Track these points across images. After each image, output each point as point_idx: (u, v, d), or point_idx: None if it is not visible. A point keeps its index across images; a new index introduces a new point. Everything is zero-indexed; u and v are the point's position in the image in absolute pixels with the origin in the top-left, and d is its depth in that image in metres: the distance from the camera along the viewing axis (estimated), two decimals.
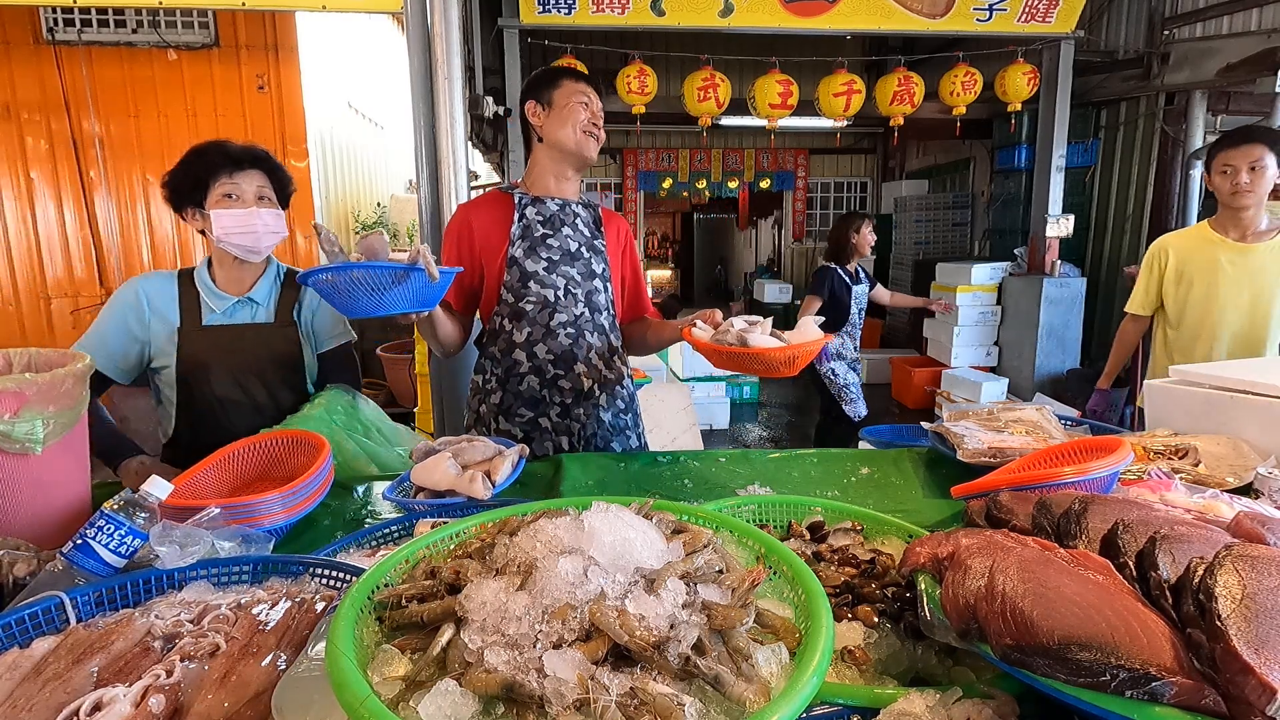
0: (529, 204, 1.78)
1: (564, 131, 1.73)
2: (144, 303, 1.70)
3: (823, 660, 0.62)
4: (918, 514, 1.28)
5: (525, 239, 1.75)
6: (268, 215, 1.69)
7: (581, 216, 1.85)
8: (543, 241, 1.76)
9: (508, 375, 1.79)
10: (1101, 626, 0.62)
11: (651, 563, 0.74)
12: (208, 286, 1.74)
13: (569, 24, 4.95)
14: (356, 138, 6.34)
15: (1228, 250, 2.41)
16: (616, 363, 1.87)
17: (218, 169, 1.66)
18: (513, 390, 1.79)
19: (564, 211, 1.81)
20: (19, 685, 0.70)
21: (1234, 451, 1.37)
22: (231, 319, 1.73)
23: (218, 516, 1.05)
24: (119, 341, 1.67)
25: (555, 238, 1.78)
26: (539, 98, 1.76)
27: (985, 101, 5.84)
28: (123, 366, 1.68)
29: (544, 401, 1.79)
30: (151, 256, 5.08)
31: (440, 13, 3.00)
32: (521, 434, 1.80)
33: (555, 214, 1.80)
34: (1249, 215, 2.36)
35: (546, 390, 1.78)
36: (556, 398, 1.79)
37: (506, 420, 1.81)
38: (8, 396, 1.00)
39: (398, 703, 0.61)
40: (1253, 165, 2.26)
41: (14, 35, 4.68)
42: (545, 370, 1.77)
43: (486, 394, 1.83)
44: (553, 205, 1.80)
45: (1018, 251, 6.29)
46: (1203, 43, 5.39)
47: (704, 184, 9.52)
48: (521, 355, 1.77)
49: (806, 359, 1.37)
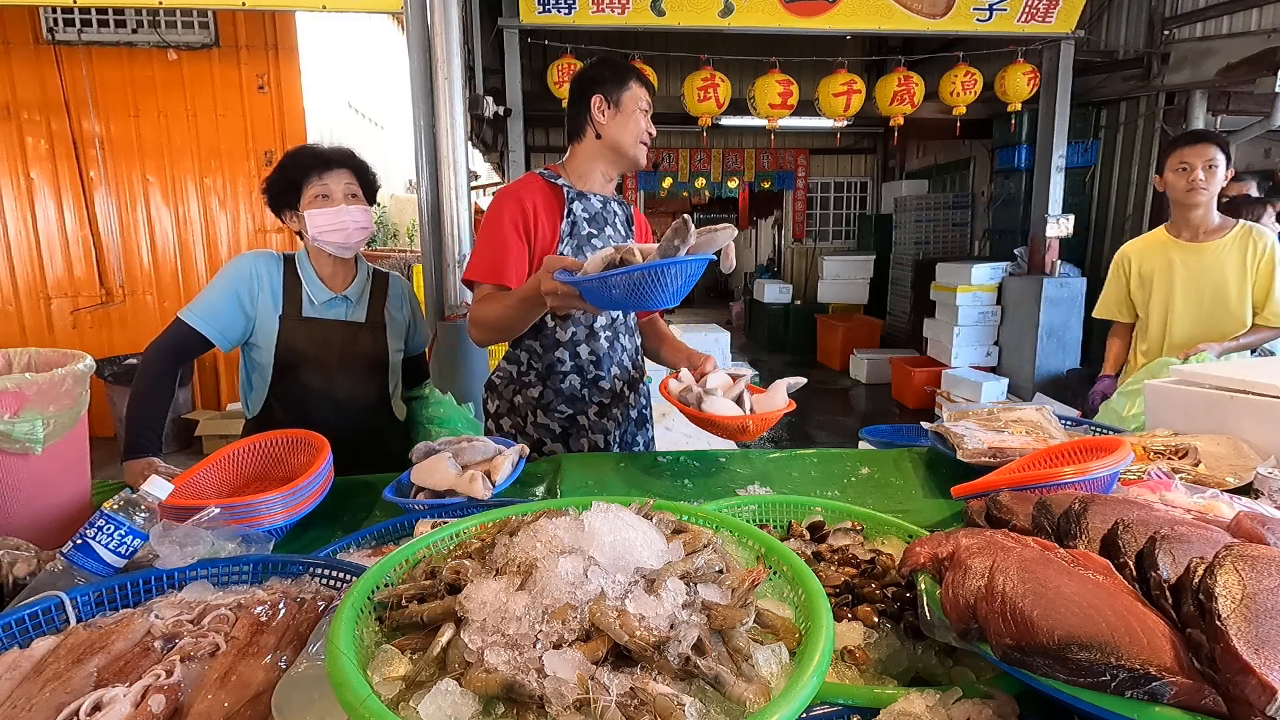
0: (575, 199, 1.75)
1: (625, 137, 1.72)
2: (255, 280, 1.72)
3: (823, 660, 0.62)
4: (918, 514, 1.28)
5: (573, 236, 1.73)
6: (356, 212, 1.73)
7: (619, 216, 1.85)
8: (588, 240, 1.74)
9: (549, 371, 1.80)
10: (1101, 626, 0.62)
11: (651, 563, 0.74)
12: (311, 278, 1.78)
13: (569, 24, 4.95)
14: (356, 138, 6.33)
15: (1181, 251, 2.49)
16: (640, 361, 1.94)
17: (309, 171, 1.71)
18: (554, 387, 1.80)
19: (606, 209, 1.80)
20: (19, 685, 0.70)
21: (1234, 451, 1.37)
22: (328, 314, 1.78)
23: (218, 516, 1.05)
24: (229, 311, 1.70)
25: (599, 237, 1.77)
26: (607, 95, 1.72)
27: (985, 101, 5.84)
28: (229, 336, 1.71)
29: (583, 400, 1.81)
30: (152, 256, 5.08)
31: (440, 13, 3.00)
32: (560, 429, 1.82)
33: (599, 212, 1.78)
34: (1199, 214, 2.46)
35: (586, 389, 1.81)
36: (595, 397, 1.82)
37: (545, 415, 1.82)
38: (7, 396, 1.00)
39: (398, 703, 0.61)
40: (1208, 164, 2.35)
41: (14, 35, 4.68)
42: (586, 370, 1.79)
43: (524, 385, 1.83)
44: (596, 202, 1.78)
45: (1018, 251, 6.29)
46: (1203, 43, 5.39)
47: (704, 184, 9.51)
48: (564, 354, 1.78)
49: (761, 429, 1.36)
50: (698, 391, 1.42)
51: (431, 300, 3.50)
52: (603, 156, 1.76)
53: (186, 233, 5.08)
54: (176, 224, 5.06)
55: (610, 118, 1.71)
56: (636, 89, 1.72)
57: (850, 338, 8.24)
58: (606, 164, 1.78)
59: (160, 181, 4.93)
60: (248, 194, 5.05)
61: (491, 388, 1.91)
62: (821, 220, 10.00)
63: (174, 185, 4.96)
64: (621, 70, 1.74)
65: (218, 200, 5.05)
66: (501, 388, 1.88)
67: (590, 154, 1.77)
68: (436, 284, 3.49)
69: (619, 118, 1.71)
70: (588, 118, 1.73)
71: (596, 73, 1.74)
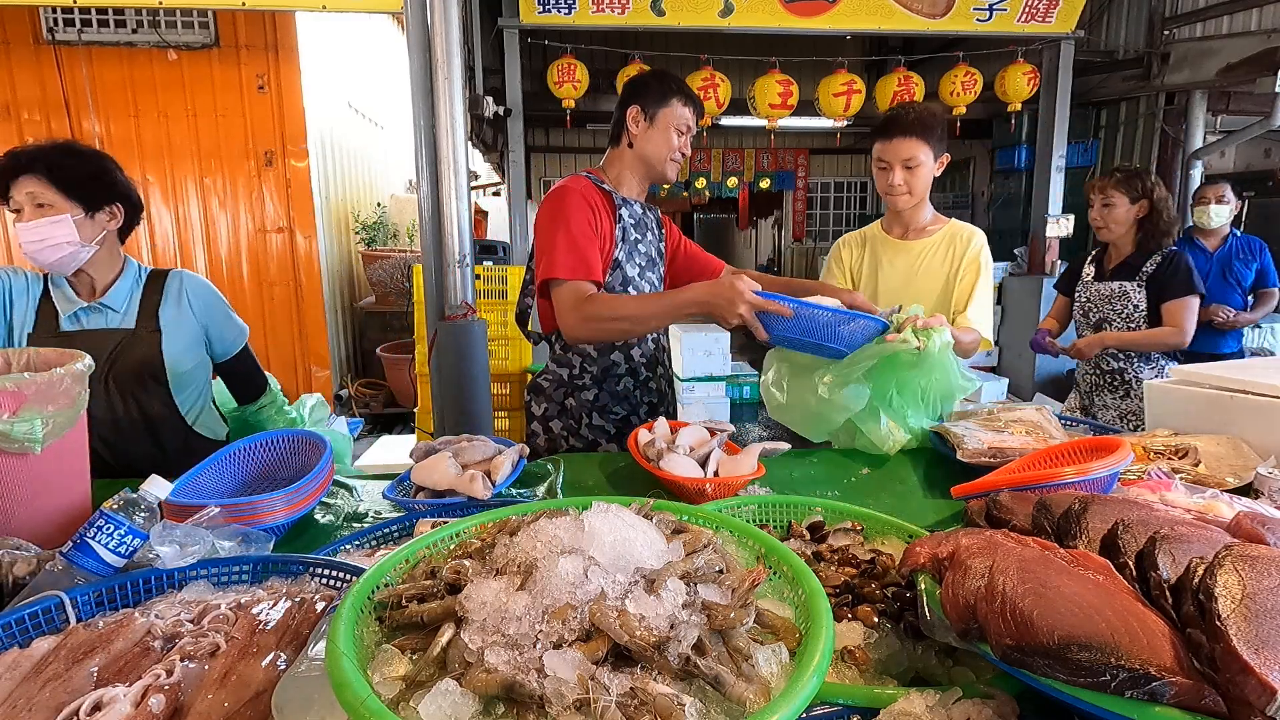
0: (622, 205, 1.79)
1: (655, 151, 1.75)
2: (4, 295, 1.56)
3: (823, 660, 0.62)
4: (918, 514, 1.28)
5: (625, 241, 1.77)
6: (45, 226, 1.47)
7: (654, 221, 1.92)
8: (635, 246, 1.80)
9: (605, 374, 1.83)
10: (1101, 626, 0.62)
11: (651, 563, 0.74)
12: (62, 287, 1.59)
13: (569, 24, 4.95)
14: (356, 138, 6.34)
15: (889, 248, 2.20)
16: (668, 360, 2.01)
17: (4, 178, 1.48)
18: (609, 390, 1.83)
19: (645, 215, 1.87)
20: (19, 685, 0.70)
21: (1234, 451, 1.37)
22: (90, 324, 1.59)
23: (218, 515, 1.05)
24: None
25: (644, 243, 1.83)
26: (645, 107, 1.73)
27: (985, 101, 5.84)
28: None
29: (636, 401, 1.86)
30: (152, 257, 5.08)
31: (440, 13, 3.00)
32: (614, 429, 1.85)
33: (641, 218, 1.84)
34: (908, 213, 2.14)
35: (639, 391, 1.86)
36: (645, 398, 1.88)
37: (600, 416, 1.84)
38: (7, 396, 1.00)
39: (398, 703, 0.61)
40: (907, 164, 1.94)
41: (14, 35, 4.68)
42: (639, 372, 1.85)
43: (577, 388, 1.83)
44: (638, 208, 1.84)
45: (1018, 251, 6.29)
46: (1203, 43, 5.39)
47: (704, 184, 9.51)
48: (619, 356, 1.83)
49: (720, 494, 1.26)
50: (660, 448, 1.37)
51: (431, 300, 3.50)
52: (633, 166, 1.80)
53: (186, 233, 5.07)
54: (176, 224, 5.05)
55: (643, 130, 1.74)
56: (679, 107, 1.74)
57: None
58: (637, 174, 1.82)
59: (160, 182, 4.93)
60: (248, 194, 5.05)
61: (538, 390, 1.89)
62: (821, 220, 10.00)
63: (174, 185, 4.96)
64: (666, 86, 1.75)
65: (218, 200, 5.04)
66: (550, 391, 1.86)
67: (626, 161, 1.81)
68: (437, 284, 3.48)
69: (651, 131, 1.74)
70: (624, 126, 1.77)
71: (641, 83, 1.76)
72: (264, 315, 5.21)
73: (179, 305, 1.68)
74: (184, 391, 1.69)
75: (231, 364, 1.80)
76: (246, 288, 5.17)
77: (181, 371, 1.66)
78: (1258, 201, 5.93)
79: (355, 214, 6.21)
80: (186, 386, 1.69)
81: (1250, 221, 5.94)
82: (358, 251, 6.09)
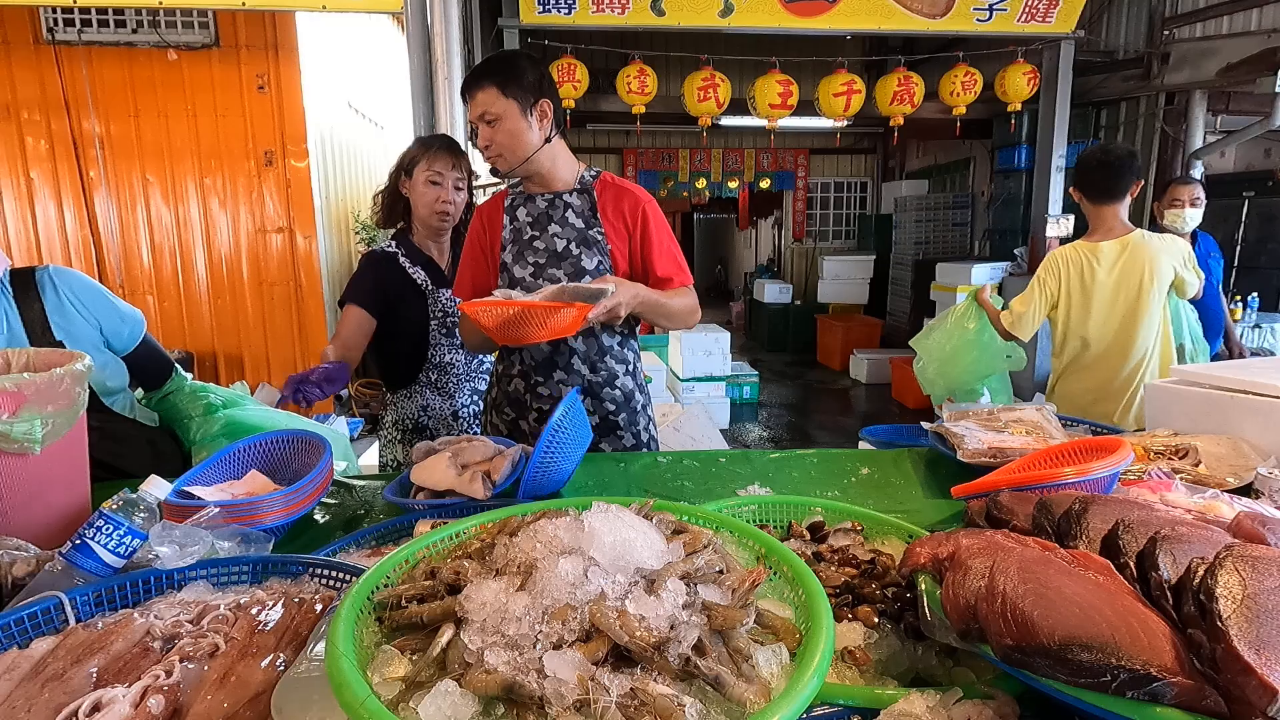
0: (520, 204, 1.77)
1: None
2: None
3: (823, 661, 0.62)
4: (918, 514, 1.28)
5: (515, 242, 1.76)
6: None
7: (574, 207, 1.75)
8: (530, 244, 1.74)
9: (504, 373, 1.86)
10: (1102, 627, 0.62)
11: (651, 563, 0.74)
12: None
13: (569, 24, 4.95)
14: (356, 138, 6.33)
15: None
16: (608, 362, 1.79)
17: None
18: (503, 389, 1.86)
19: (553, 207, 1.75)
20: (18, 686, 0.70)
21: (1234, 451, 1.37)
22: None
23: (217, 515, 1.05)
24: None
25: (542, 238, 1.73)
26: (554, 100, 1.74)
27: (985, 101, 5.84)
28: None
29: (526, 405, 1.82)
30: (152, 257, 5.08)
31: (440, 13, 3.00)
32: (506, 431, 1.86)
33: (544, 211, 1.75)
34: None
35: (529, 395, 1.81)
36: (535, 404, 1.80)
37: (497, 415, 1.88)
38: (6, 396, 0.99)
39: (397, 703, 0.61)
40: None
41: (14, 35, 4.68)
42: (529, 376, 1.79)
43: (490, 386, 1.94)
44: (542, 202, 1.76)
45: (1018, 251, 6.29)
46: (1203, 43, 5.39)
47: (704, 184, 9.52)
48: (515, 358, 1.82)
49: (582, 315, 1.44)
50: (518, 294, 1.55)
51: None
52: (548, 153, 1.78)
53: (186, 233, 5.07)
54: (176, 224, 5.05)
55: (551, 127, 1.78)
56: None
57: (850, 338, 8.23)
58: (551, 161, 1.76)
59: (160, 181, 4.93)
60: (248, 194, 5.05)
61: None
62: (821, 220, 10.00)
63: (174, 185, 4.96)
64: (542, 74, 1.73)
65: (218, 200, 5.04)
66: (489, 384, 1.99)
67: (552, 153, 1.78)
68: None
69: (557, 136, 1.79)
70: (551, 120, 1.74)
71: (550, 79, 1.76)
72: (264, 315, 5.21)
73: (62, 311, 1.46)
74: (112, 396, 1.55)
75: (135, 356, 1.61)
76: (246, 287, 5.17)
77: (100, 382, 1.49)
78: (1258, 201, 5.93)
79: (355, 214, 6.20)
80: (114, 392, 1.55)
81: (1250, 221, 5.94)
82: (358, 251, 6.09)
